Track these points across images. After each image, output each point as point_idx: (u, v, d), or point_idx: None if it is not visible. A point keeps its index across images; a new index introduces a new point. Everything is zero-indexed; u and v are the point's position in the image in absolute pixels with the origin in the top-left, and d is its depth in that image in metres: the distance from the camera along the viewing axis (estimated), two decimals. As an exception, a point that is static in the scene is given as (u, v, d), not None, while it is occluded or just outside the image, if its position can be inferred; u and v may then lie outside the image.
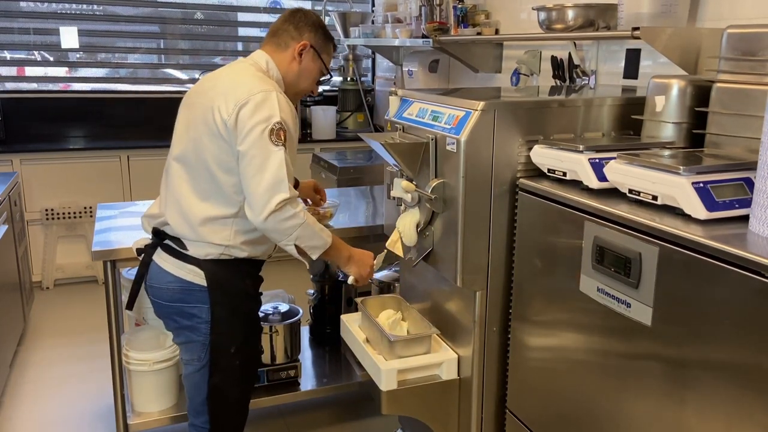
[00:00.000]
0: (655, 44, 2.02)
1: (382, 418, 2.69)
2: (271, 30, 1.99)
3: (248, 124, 1.75)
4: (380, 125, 5.01)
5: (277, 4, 5.13)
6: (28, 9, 4.50)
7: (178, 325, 1.95)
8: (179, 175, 1.88)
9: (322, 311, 2.99)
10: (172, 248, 1.90)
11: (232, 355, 1.93)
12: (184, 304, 1.89)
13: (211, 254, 1.87)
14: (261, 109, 1.76)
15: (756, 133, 1.47)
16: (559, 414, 1.68)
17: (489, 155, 1.74)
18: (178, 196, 1.88)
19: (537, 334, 1.74)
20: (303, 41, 1.94)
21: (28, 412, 2.87)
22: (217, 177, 1.82)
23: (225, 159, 1.80)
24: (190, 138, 1.86)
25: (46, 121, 4.53)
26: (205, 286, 1.87)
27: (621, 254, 1.39)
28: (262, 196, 1.74)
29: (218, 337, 1.90)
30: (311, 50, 1.96)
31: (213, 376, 1.93)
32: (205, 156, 1.82)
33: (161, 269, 1.91)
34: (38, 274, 4.27)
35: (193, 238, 1.87)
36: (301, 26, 1.95)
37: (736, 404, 1.17)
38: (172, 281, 1.89)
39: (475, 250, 1.80)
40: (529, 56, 3.04)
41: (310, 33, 1.95)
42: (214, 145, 1.80)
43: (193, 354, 1.94)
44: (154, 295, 1.96)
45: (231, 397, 2.00)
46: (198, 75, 4.88)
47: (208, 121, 1.80)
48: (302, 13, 1.97)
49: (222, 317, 1.90)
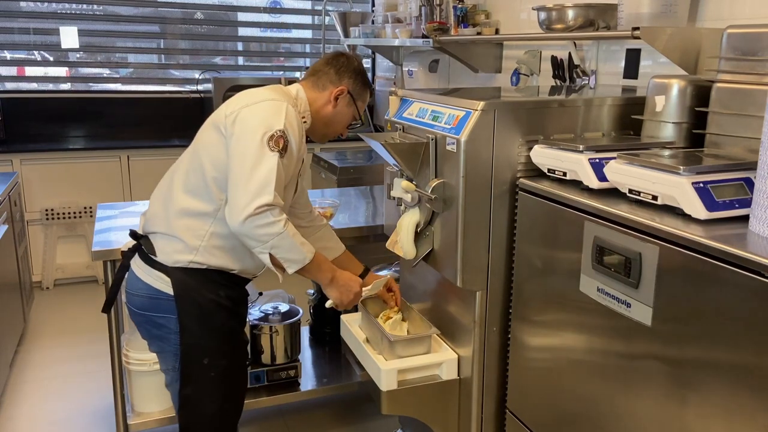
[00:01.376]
0: (655, 44, 2.02)
1: (382, 418, 2.69)
2: (312, 69, 1.98)
3: (250, 123, 1.72)
4: (380, 125, 5.01)
5: (277, 3, 5.13)
6: (28, 9, 4.50)
7: (150, 334, 1.91)
8: (180, 170, 1.87)
9: (322, 311, 2.99)
10: (144, 253, 1.86)
11: (205, 367, 1.85)
12: (153, 313, 1.84)
13: (179, 262, 1.80)
14: (267, 114, 1.74)
15: (756, 133, 1.48)
16: (559, 414, 1.68)
17: (489, 155, 1.74)
18: (167, 188, 1.87)
19: (537, 334, 1.74)
20: (341, 86, 1.94)
21: (28, 412, 2.87)
22: (205, 169, 1.77)
23: (216, 152, 1.76)
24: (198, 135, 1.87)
25: (46, 121, 4.53)
26: (173, 296, 1.80)
27: (621, 254, 1.39)
28: (243, 197, 1.66)
29: (188, 348, 1.83)
30: (348, 96, 1.95)
31: (184, 387, 1.86)
32: (198, 146, 1.82)
33: (134, 275, 1.87)
34: (38, 274, 4.27)
35: (165, 232, 1.81)
36: (342, 71, 1.94)
37: (737, 404, 1.17)
38: (142, 288, 1.84)
39: (475, 250, 1.80)
40: (529, 56, 3.04)
41: (349, 79, 1.95)
42: (209, 135, 1.79)
43: (167, 364, 1.90)
44: (127, 301, 1.91)
45: (206, 411, 1.90)
46: (198, 75, 4.88)
47: (213, 117, 1.82)
48: (345, 58, 1.97)
49: (191, 328, 1.82)
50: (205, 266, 1.81)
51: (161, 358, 1.93)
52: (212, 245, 1.80)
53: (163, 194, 1.87)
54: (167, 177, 1.91)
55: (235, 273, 1.88)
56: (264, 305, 2.71)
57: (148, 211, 1.92)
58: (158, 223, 1.84)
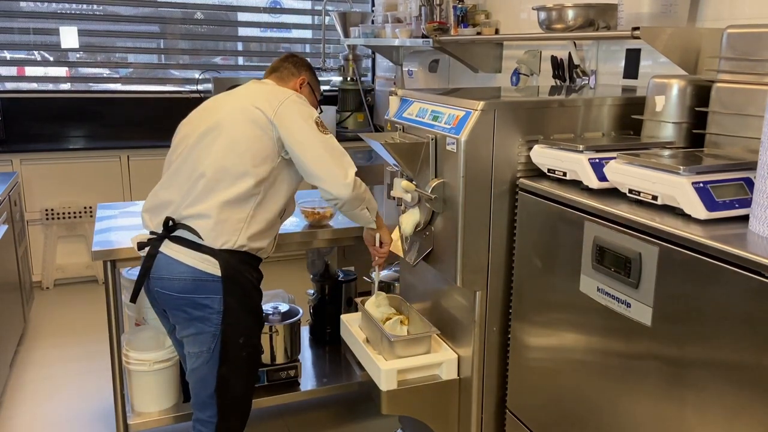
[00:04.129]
0: (655, 44, 2.02)
1: (382, 418, 2.69)
2: (272, 67, 2.21)
3: (295, 117, 1.93)
4: (380, 125, 5.01)
5: (277, 4, 5.13)
6: (28, 9, 4.50)
7: (189, 317, 1.95)
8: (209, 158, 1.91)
9: (322, 311, 2.99)
10: (183, 239, 1.91)
11: (240, 346, 1.97)
12: (196, 294, 1.91)
13: (226, 244, 1.90)
14: (301, 106, 1.97)
15: (756, 133, 1.48)
16: (559, 414, 1.68)
17: (489, 155, 1.74)
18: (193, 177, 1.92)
19: (537, 334, 1.74)
20: (302, 76, 2.20)
21: (28, 412, 2.87)
22: (245, 160, 1.90)
23: (262, 148, 1.91)
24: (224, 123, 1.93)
25: (46, 121, 4.53)
26: (219, 277, 1.90)
27: (621, 254, 1.39)
28: (340, 172, 1.93)
29: (228, 327, 1.94)
30: (308, 85, 2.21)
31: (222, 367, 1.96)
32: (236, 139, 1.90)
33: (172, 260, 1.91)
34: (38, 274, 4.27)
35: (209, 216, 1.88)
36: (298, 65, 2.21)
37: (736, 404, 1.17)
38: (185, 271, 1.90)
39: (475, 250, 1.80)
40: (529, 56, 3.04)
41: (306, 71, 2.22)
42: (252, 136, 1.91)
43: (202, 346, 1.95)
44: (162, 287, 1.94)
45: (237, 390, 2.03)
46: (198, 75, 4.88)
47: (248, 116, 1.92)
48: (296, 56, 2.24)
49: (233, 308, 1.93)
50: (246, 248, 1.94)
51: (195, 341, 1.97)
52: (252, 228, 1.94)
53: (188, 185, 1.92)
54: (184, 168, 1.95)
55: (261, 254, 2.03)
56: (264, 305, 2.70)
57: (175, 200, 1.94)
58: (196, 208, 1.90)
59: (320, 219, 2.55)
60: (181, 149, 1.98)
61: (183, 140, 2.00)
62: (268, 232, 2.01)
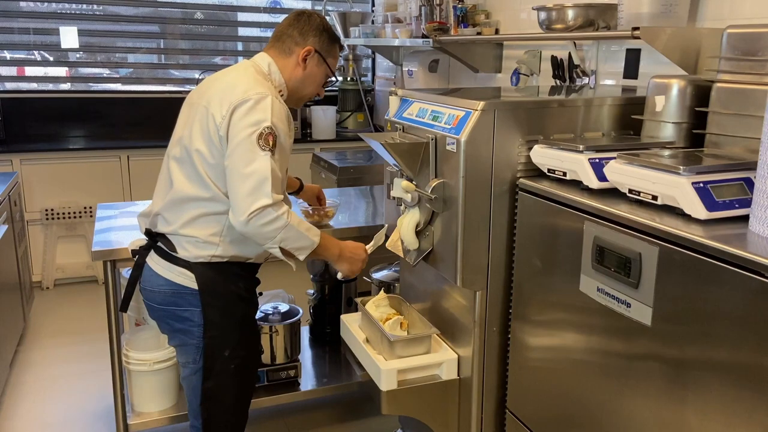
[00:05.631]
0: (655, 44, 2.02)
1: (382, 418, 2.69)
2: (275, 34, 1.96)
3: (238, 126, 1.73)
4: (380, 125, 5.01)
5: (277, 3, 5.13)
6: (28, 9, 4.50)
7: (172, 329, 1.94)
8: (180, 170, 1.85)
9: (322, 311, 2.99)
10: (163, 251, 1.88)
11: (226, 359, 1.91)
12: (176, 307, 1.88)
13: (200, 257, 1.84)
14: (252, 112, 1.74)
15: (756, 133, 1.48)
16: (559, 414, 1.68)
17: (489, 155, 1.74)
18: (169, 188, 1.86)
19: (537, 334, 1.74)
20: (307, 47, 1.92)
21: (28, 412, 2.87)
22: (207, 181, 1.80)
23: (214, 163, 1.79)
24: (185, 140, 1.84)
25: (46, 121, 4.53)
26: (196, 289, 1.84)
27: (621, 254, 1.39)
28: (244, 200, 1.71)
29: (211, 341, 1.88)
30: (316, 55, 1.94)
31: (207, 380, 1.91)
32: (194, 159, 1.80)
33: (153, 272, 1.90)
34: (38, 274, 4.27)
35: (183, 230, 1.82)
36: (305, 31, 1.92)
37: (736, 404, 1.17)
38: (164, 284, 1.87)
39: (475, 250, 1.80)
40: (529, 56, 3.04)
41: (314, 38, 1.93)
42: (205, 147, 1.79)
43: (188, 357, 1.93)
44: (147, 297, 1.94)
45: (226, 401, 1.97)
46: (198, 75, 4.88)
47: (202, 125, 1.80)
48: (306, 16, 1.95)
49: (214, 320, 1.87)
50: (225, 259, 1.86)
51: (181, 352, 1.95)
52: (230, 237, 1.85)
53: (167, 194, 1.87)
54: (164, 175, 1.91)
55: (251, 261, 1.94)
56: (264, 305, 2.70)
57: (155, 211, 1.91)
58: (172, 222, 1.85)
59: (321, 218, 2.56)
60: (168, 152, 1.92)
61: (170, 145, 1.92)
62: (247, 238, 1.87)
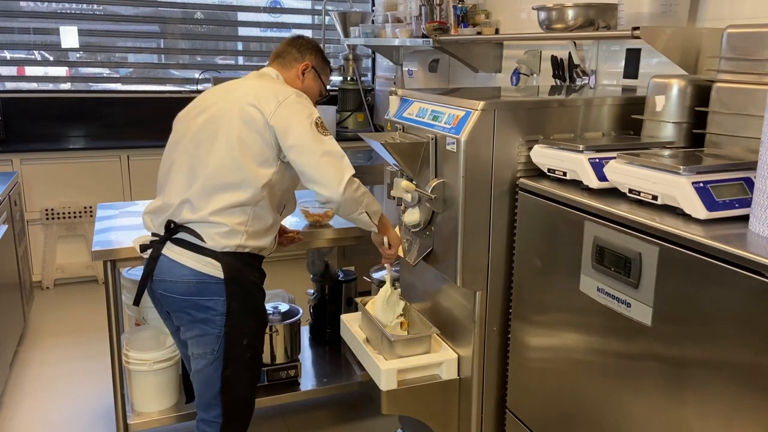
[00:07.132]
0: (655, 44, 2.02)
1: (382, 418, 2.69)
2: (276, 52, 2.15)
3: (293, 120, 1.88)
4: (380, 125, 5.01)
5: (277, 3, 5.13)
6: (28, 9, 4.50)
7: (193, 319, 1.95)
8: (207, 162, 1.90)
9: (322, 311, 2.99)
10: (186, 241, 1.91)
11: (243, 348, 1.97)
12: (200, 297, 1.91)
13: (228, 246, 1.89)
14: (300, 106, 1.92)
15: (756, 133, 1.48)
16: (559, 414, 1.68)
17: (489, 155, 1.74)
18: (190, 180, 1.91)
19: (537, 334, 1.74)
20: (305, 61, 2.12)
21: (28, 412, 2.87)
22: (245, 163, 1.88)
23: (260, 152, 1.89)
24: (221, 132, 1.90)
25: (46, 121, 4.53)
26: (222, 278, 1.89)
27: (621, 254, 1.39)
28: (335, 176, 1.88)
29: (232, 329, 1.94)
30: (312, 70, 2.14)
31: (226, 368, 1.96)
32: (234, 142, 1.88)
33: (175, 263, 1.91)
34: (38, 274, 4.27)
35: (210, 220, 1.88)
36: (303, 49, 2.13)
37: (736, 404, 1.17)
38: (188, 274, 1.90)
39: (475, 250, 1.80)
40: (529, 56, 3.04)
41: (311, 55, 2.14)
42: (250, 138, 1.88)
43: (206, 347, 1.95)
44: (165, 289, 1.95)
45: (241, 391, 2.03)
46: (198, 75, 4.88)
47: (245, 117, 1.89)
48: (303, 39, 2.16)
49: (236, 309, 1.93)
50: (247, 249, 1.94)
51: (200, 342, 1.97)
52: (254, 228, 1.94)
53: (193, 183, 1.91)
54: (182, 166, 1.94)
55: (264, 252, 2.03)
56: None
57: (181, 199, 1.93)
58: (202, 208, 1.89)
59: (320, 218, 2.56)
60: (181, 149, 1.96)
61: (180, 139, 1.98)
62: (270, 230, 2.00)
